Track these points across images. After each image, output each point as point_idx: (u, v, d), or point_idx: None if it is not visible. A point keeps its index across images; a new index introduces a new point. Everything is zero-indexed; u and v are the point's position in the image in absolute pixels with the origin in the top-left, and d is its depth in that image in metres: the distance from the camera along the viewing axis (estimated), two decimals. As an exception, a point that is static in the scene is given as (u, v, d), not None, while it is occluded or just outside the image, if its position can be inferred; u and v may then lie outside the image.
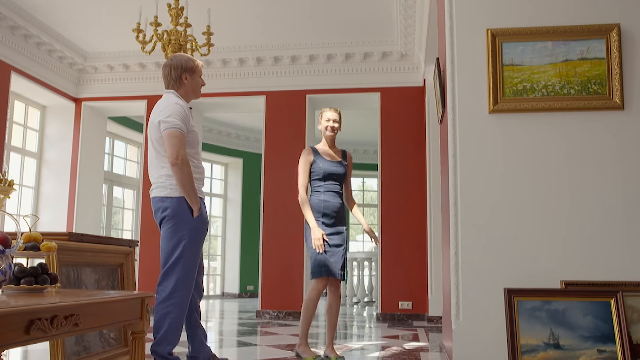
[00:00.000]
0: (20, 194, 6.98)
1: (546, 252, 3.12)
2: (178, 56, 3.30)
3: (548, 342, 2.96)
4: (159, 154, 3.15)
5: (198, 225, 3.14)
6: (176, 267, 3.08)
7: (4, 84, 6.16)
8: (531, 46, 3.30)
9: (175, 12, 5.14)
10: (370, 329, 5.86)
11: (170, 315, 3.06)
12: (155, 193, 3.16)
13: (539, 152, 3.20)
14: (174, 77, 3.23)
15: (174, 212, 3.08)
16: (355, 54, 6.94)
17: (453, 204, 3.26)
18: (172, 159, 3.01)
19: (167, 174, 3.10)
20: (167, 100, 3.19)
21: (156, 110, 3.17)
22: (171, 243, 3.09)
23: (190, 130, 3.18)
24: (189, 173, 3.06)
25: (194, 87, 3.30)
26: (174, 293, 3.07)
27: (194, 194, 3.10)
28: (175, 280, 3.07)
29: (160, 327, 3.05)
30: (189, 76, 3.25)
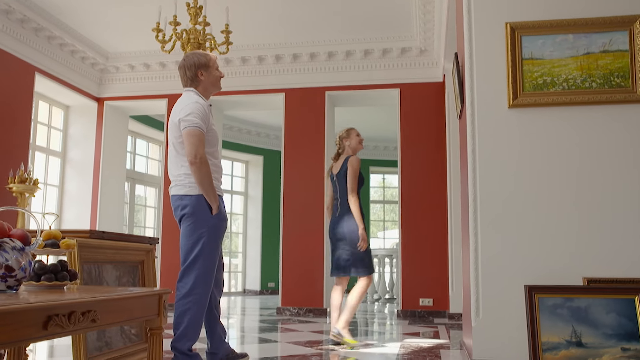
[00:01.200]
0: (45, 193, 7.11)
1: (567, 249, 3.07)
2: (190, 55, 3.32)
3: (570, 340, 2.91)
4: (179, 152, 3.17)
5: (217, 222, 3.16)
6: (196, 264, 3.11)
7: (29, 85, 6.28)
8: (551, 39, 3.25)
9: (194, 11, 5.17)
10: (391, 326, 5.84)
11: (189, 312, 3.09)
12: (174, 191, 3.19)
13: (560, 147, 3.15)
14: (189, 76, 3.26)
15: (193, 209, 3.11)
16: (374, 50, 6.91)
17: (472, 200, 3.23)
18: (191, 157, 3.03)
19: (186, 173, 3.13)
20: (187, 98, 3.21)
21: (176, 109, 3.20)
22: (190, 240, 3.12)
23: (209, 129, 3.20)
24: (207, 172, 3.08)
25: (213, 81, 3.32)
26: (194, 290, 3.10)
27: (213, 193, 3.12)
28: (194, 277, 3.10)
29: (180, 323, 3.09)
30: (204, 72, 3.27)
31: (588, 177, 3.11)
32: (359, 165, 4.44)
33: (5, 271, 1.54)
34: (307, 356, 3.73)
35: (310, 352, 3.89)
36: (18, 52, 6.08)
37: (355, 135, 4.64)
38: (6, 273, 1.54)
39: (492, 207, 3.17)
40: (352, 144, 4.60)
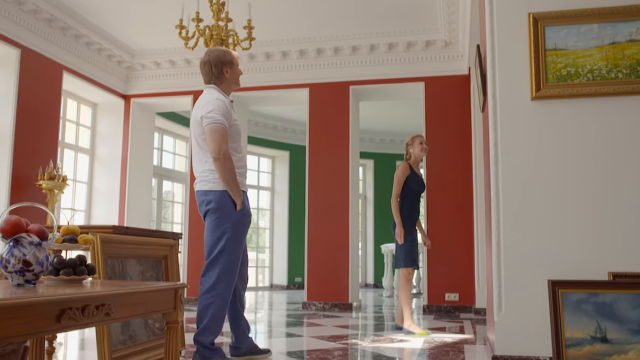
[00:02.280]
0: (74, 189, 7.27)
1: (592, 243, 3.00)
2: (214, 51, 3.34)
3: (595, 336, 2.85)
4: (202, 149, 3.21)
5: (241, 218, 3.20)
6: (219, 259, 3.15)
7: (57, 84, 6.42)
8: (576, 29, 3.17)
9: (217, 7, 5.21)
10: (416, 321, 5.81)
11: (212, 306, 3.13)
12: (199, 187, 3.25)
13: (585, 139, 3.08)
14: (215, 72, 3.30)
15: (217, 205, 3.16)
16: (399, 44, 6.85)
17: (494, 194, 3.18)
18: (214, 154, 3.07)
19: (210, 169, 3.17)
20: (209, 95, 3.24)
21: (198, 106, 3.24)
22: (215, 235, 3.17)
23: (232, 124, 3.23)
24: (231, 168, 3.11)
25: (235, 78, 3.37)
26: (217, 284, 3.14)
27: (237, 188, 3.15)
28: (218, 272, 3.14)
29: (203, 317, 3.13)
30: (229, 69, 3.32)
31: (614, 169, 3.03)
32: (403, 173, 4.78)
33: (23, 265, 1.58)
34: (329, 350, 3.74)
35: (333, 347, 3.89)
36: (46, 51, 6.22)
37: (419, 144, 4.89)
38: (24, 267, 1.59)
39: (514, 201, 3.12)
40: (415, 152, 4.89)
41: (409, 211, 4.75)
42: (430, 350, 3.78)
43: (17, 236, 1.60)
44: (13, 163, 5.73)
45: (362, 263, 12.03)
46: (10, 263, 1.59)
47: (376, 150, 12.12)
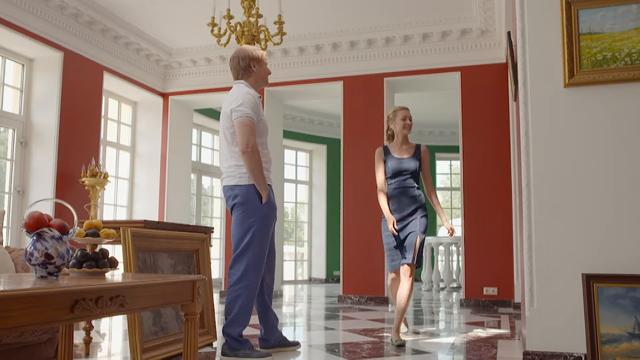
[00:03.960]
0: (116, 186, 7.48)
1: (630, 235, 2.88)
2: (243, 47, 3.42)
3: (633, 332, 2.74)
4: (230, 143, 3.27)
5: (267, 211, 3.24)
6: (247, 252, 3.20)
7: (98, 84, 6.60)
8: (612, 11, 3.03)
9: (248, 3, 5.24)
10: (452, 315, 5.73)
11: (240, 298, 3.18)
12: (225, 182, 3.30)
13: (622, 127, 2.95)
14: (242, 66, 3.35)
15: (243, 199, 3.21)
16: (433, 34, 6.74)
17: (525, 185, 3.09)
18: (243, 146, 3.12)
19: (236, 164, 3.23)
20: (238, 90, 3.29)
21: (228, 100, 3.29)
22: (242, 229, 3.22)
23: (259, 120, 3.28)
24: (258, 160, 3.15)
25: (263, 75, 3.42)
26: (244, 277, 3.18)
27: (263, 181, 3.20)
28: (245, 265, 3.19)
29: (232, 309, 3.18)
30: (256, 64, 3.37)
31: (654, 158, 2.89)
32: (376, 161, 4.13)
33: (45, 258, 1.64)
34: (359, 344, 3.73)
35: (363, 340, 3.88)
36: (87, 53, 6.41)
37: (401, 119, 4.09)
38: (46, 260, 1.64)
39: (546, 192, 3.03)
40: (396, 128, 4.12)
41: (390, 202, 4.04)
42: (463, 345, 3.72)
43: (40, 230, 1.65)
44: (58, 161, 5.93)
45: (401, 257, 11.93)
46: (33, 256, 1.65)
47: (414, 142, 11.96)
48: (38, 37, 5.75)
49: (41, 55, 5.98)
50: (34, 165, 5.94)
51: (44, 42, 5.81)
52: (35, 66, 6.07)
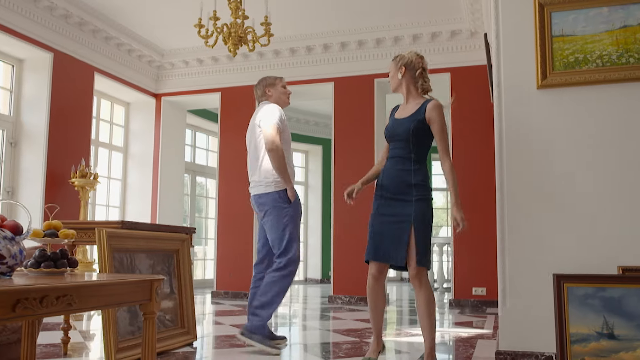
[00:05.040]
0: (108, 186, 7.51)
1: (602, 236, 2.89)
2: (263, 78, 3.91)
3: (601, 332, 2.75)
4: (256, 155, 3.69)
5: (295, 210, 3.61)
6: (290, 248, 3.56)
7: (89, 85, 6.64)
8: (584, 14, 3.05)
9: (235, 5, 5.27)
10: (438, 316, 5.75)
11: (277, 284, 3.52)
12: (254, 192, 3.69)
13: (594, 128, 2.97)
14: (259, 94, 3.85)
15: (271, 205, 3.59)
16: (423, 35, 6.76)
17: (499, 186, 3.12)
18: (269, 145, 3.51)
19: (264, 176, 3.61)
20: (265, 106, 3.70)
21: (256, 115, 3.72)
22: (278, 230, 3.59)
23: (283, 129, 3.67)
24: (282, 156, 3.52)
25: (279, 95, 3.85)
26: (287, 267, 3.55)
27: (287, 175, 3.56)
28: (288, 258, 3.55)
29: (267, 291, 3.51)
30: (271, 89, 3.81)
31: (625, 159, 2.91)
32: None
33: (-2, 258, 1.66)
34: (339, 344, 3.75)
35: (344, 340, 3.90)
36: (78, 54, 6.44)
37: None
38: (-1, 260, 1.67)
39: (520, 194, 3.05)
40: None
41: None
42: (440, 346, 3.73)
43: (-7, 231, 1.68)
44: (47, 161, 5.97)
45: (397, 257, 11.95)
46: (-13, 256, 1.68)
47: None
48: (27, 38, 5.79)
49: (31, 56, 6.02)
50: (24, 165, 5.98)
51: (34, 43, 5.85)
52: (25, 67, 6.11)
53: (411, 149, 2.95)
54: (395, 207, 2.95)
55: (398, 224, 2.90)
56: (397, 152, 3.00)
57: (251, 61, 7.44)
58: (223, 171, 7.51)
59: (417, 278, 2.87)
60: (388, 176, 3.02)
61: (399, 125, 2.99)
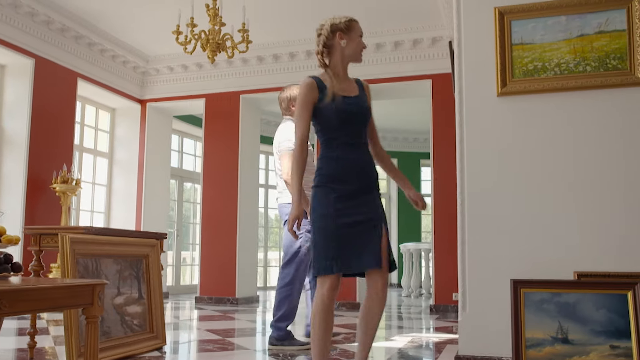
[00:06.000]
0: (93, 192, 7.53)
1: (559, 242, 2.93)
2: (286, 89, 4.09)
3: (556, 337, 2.78)
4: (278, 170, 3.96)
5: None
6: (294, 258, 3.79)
7: (71, 90, 6.67)
8: (542, 22, 3.10)
9: (213, 12, 5.32)
10: (415, 321, 5.77)
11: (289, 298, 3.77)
12: (279, 201, 3.98)
13: (552, 135, 3.01)
14: (284, 107, 4.04)
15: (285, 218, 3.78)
16: (405, 42, 6.81)
17: (460, 192, 3.15)
18: (285, 176, 3.72)
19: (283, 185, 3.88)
20: (284, 126, 3.92)
21: (277, 135, 3.97)
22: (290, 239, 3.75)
23: None
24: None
25: None
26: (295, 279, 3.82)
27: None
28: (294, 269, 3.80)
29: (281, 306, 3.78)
30: (294, 103, 3.89)
31: (582, 166, 2.95)
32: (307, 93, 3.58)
33: None
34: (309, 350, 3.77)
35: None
36: (60, 60, 6.48)
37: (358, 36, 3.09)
38: (-64, 265, 1.69)
39: (480, 199, 3.08)
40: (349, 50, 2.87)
41: None
42: (408, 350, 3.76)
43: None
44: (28, 167, 5.99)
45: (386, 263, 11.99)
46: None
47: (400, 149, 12.04)
48: (8, 44, 5.82)
49: (12, 62, 6.05)
50: (4, 171, 6.00)
51: (15, 49, 5.89)
52: (6, 72, 6.14)
53: (365, 135, 2.56)
54: (362, 205, 2.46)
55: (368, 225, 2.43)
56: (351, 138, 2.49)
57: (235, 67, 7.48)
58: (207, 177, 7.54)
59: (386, 284, 2.47)
60: (350, 167, 2.46)
61: (354, 104, 2.53)
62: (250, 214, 7.58)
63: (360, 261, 2.38)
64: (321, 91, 2.52)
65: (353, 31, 2.69)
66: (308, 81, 2.55)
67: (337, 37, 2.62)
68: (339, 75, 2.63)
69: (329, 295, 2.37)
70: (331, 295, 2.38)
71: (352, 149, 2.50)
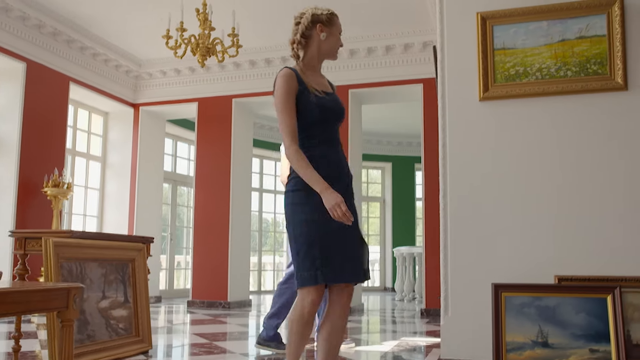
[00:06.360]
0: (85, 196, 7.53)
1: (540, 246, 2.95)
2: None
3: (536, 340, 2.80)
4: None
5: None
6: None
7: (63, 94, 6.68)
8: (524, 27, 3.12)
9: (203, 16, 5.34)
10: (405, 325, 5.78)
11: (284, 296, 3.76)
12: None
13: (533, 140, 3.03)
14: None
15: None
16: (396, 46, 6.83)
17: (442, 196, 3.16)
18: (282, 177, 3.65)
19: None
20: None
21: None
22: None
23: None
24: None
25: None
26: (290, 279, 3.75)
27: None
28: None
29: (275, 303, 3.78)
30: None
31: (564, 170, 2.97)
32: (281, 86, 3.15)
33: None
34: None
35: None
36: (52, 64, 6.49)
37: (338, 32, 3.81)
38: None
39: (461, 203, 3.10)
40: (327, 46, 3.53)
41: None
42: (394, 354, 3.76)
43: None
44: (20, 171, 5.99)
45: (381, 267, 11.99)
46: None
47: (394, 153, 12.05)
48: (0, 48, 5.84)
49: (3, 66, 6.06)
50: (-4, 175, 6.01)
51: (6, 53, 5.89)
52: (-2, 77, 6.16)
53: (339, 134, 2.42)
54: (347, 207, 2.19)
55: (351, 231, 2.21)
56: (330, 136, 2.33)
57: (228, 71, 7.50)
58: (200, 180, 7.55)
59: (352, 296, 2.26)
60: (332, 167, 2.26)
61: (332, 101, 2.38)
62: (242, 217, 7.59)
63: (344, 271, 2.16)
64: (300, 83, 2.29)
65: (334, 26, 2.46)
66: (288, 72, 2.30)
67: (317, 29, 2.37)
68: (314, 69, 2.41)
69: (311, 310, 2.11)
70: (313, 311, 2.11)
71: (332, 148, 2.30)
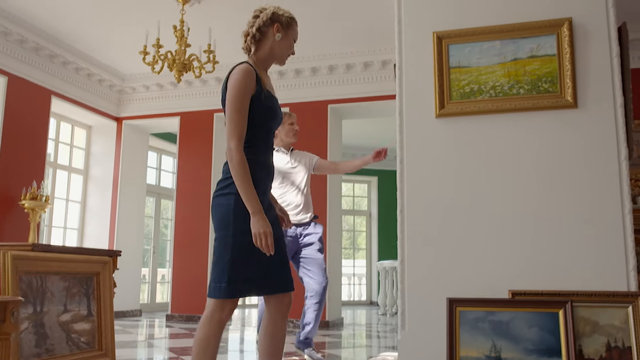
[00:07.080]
0: (66, 209, 7.55)
1: (495, 261, 2.98)
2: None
3: (489, 355, 2.82)
4: None
5: None
6: None
7: (45, 108, 6.73)
8: (478, 46, 3.19)
9: (180, 33, 5.41)
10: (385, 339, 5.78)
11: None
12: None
13: (487, 156, 3.08)
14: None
15: None
16: (374, 62, 6.93)
17: (400, 211, 3.20)
18: None
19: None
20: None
21: None
22: None
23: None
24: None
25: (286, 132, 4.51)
26: None
27: None
28: None
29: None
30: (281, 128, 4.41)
31: (517, 186, 3.01)
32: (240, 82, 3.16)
33: None
34: None
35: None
36: (34, 78, 6.55)
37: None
38: None
39: (418, 218, 3.13)
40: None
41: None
42: (358, 368, 3.79)
43: None
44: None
45: (367, 281, 12.00)
46: None
47: (380, 167, 12.11)
48: (-21, 63, 5.89)
49: (-17, 81, 6.12)
50: (-27, 188, 6.02)
51: (-14, 67, 5.96)
52: (-22, 91, 6.20)
53: None
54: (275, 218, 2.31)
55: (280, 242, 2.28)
56: (270, 141, 2.30)
57: (209, 86, 7.57)
58: (181, 194, 7.58)
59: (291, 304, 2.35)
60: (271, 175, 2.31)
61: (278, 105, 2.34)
62: (223, 231, 7.60)
63: (274, 283, 2.21)
64: (258, 83, 2.21)
65: (291, 30, 2.41)
66: (248, 68, 2.19)
67: (274, 28, 2.32)
68: (265, 70, 2.36)
69: (222, 321, 2.12)
70: (224, 321, 2.12)
71: (270, 154, 2.28)
